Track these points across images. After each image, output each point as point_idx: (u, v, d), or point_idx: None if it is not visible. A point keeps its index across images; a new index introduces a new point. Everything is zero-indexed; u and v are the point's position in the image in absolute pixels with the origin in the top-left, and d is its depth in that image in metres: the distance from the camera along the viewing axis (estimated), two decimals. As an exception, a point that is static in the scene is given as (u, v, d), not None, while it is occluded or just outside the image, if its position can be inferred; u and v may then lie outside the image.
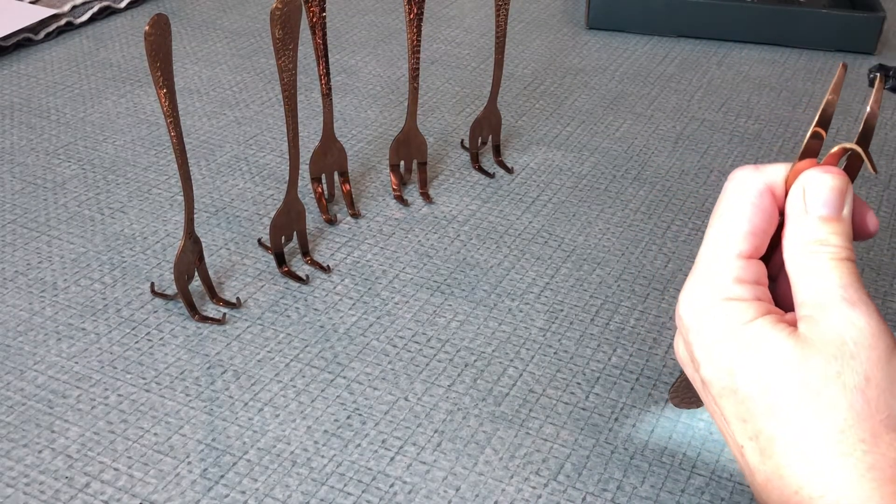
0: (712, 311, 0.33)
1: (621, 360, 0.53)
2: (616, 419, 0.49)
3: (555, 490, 0.45)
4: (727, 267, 0.34)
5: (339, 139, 0.65)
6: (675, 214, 0.66)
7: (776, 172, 0.34)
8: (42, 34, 0.89)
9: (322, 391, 0.50)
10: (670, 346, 0.54)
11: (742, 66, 0.89)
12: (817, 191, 0.33)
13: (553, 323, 0.55)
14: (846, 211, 0.33)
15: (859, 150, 0.33)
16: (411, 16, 0.60)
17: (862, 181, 0.70)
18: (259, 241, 0.61)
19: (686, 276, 0.35)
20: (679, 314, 0.35)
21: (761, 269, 0.34)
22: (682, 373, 0.40)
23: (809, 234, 0.33)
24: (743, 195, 0.34)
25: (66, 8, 0.92)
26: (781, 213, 0.35)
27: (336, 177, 0.66)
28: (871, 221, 0.34)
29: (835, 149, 0.33)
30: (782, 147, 0.75)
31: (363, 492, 0.44)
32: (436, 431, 0.48)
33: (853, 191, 0.34)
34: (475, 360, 0.52)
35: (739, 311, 0.33)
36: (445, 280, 0.58)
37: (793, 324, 0.33)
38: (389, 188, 0.67)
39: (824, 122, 0.33)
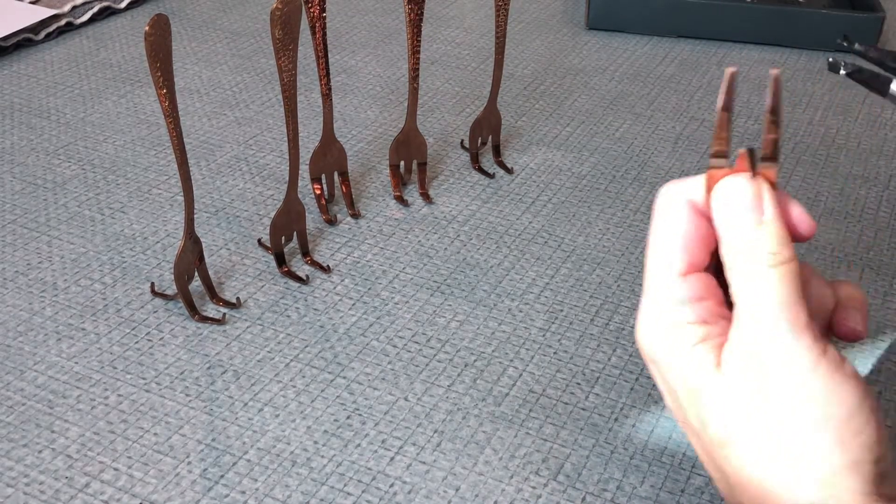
0: (662, 341, 0.32)
1: (621, 360, 0.53)
2: (616, 419, 0.49)
3: (555, 490, 0.45)
4: (668, 289, 0.32)
5: (339, 139, 0.65)
6: (675, 214, 0.65)
7: (696, 184, 0.33)
8: (42, 34, 0.89)
9: (322, 391, 0.50)
10: (670, 346, 0.53)
11: (742, 66, 0.89)
12: (732, 199, 0.31)
13: (553, 323, 0.55)
14: (769, 214, 0.31)
15: (758, 147, 0.32)
16: (411, 16, 0.60)
17: (862, 181, 0.70)
18: (259, 241, 0.61)
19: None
20: (639, 345, 0.34)
21: (705, 281, 0.33)
22: None
23: (738, 244, 0.31)
24: (670, 211, 0.33)
25: (67, 8, 0.92)
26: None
27: (336, 177, 0.66)
28: (803, 222, 0.32)
29: (740, 151, 0.32)
30: (782, 147, 0.75)
31: (363, 492, 0.44)
32: (436, 431, 0.48)
33: (775, 191, 0.32)
34: (475, 360, 0.52)
35: (684, 336, 0.32)
36: (445, 280, 0.58)
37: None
38: (389, 188, 0.67)
39: (724, 135, 0.32)
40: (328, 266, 0.59)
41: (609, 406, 0.49)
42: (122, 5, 0.96)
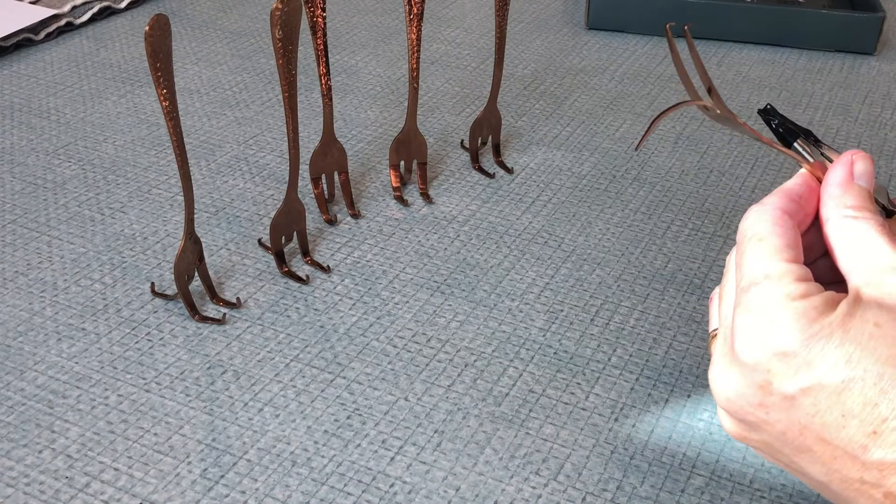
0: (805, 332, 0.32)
1: (621, 360, 0.53)
2: (616, 419, 0.49)
3: (555, 490, 0.45)
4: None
5: (339, 139, 0.65)
6: (675, 214, 0.66)
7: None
8: (42, 34, 0.89)
9: (322, 391, 0.50)
10: (670, 345, 0.54)
11: (742, 66, 0.89)
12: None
13: (553, 323, 0.55)
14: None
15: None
16: (411, 16, 0.60)
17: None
18: (259, 241, 0.61)
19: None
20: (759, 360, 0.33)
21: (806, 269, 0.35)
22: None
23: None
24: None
25: (67, 8, 0.92)
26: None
27: (336, 177, 0.66)
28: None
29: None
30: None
31: (363, 492, 0.44)
32: (436, 431, 0.48)
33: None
34: (475, 360, 0.52)
35: (813, 308, 0.33)
36: (445, 280, 0.58)
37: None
38: (389, 188, 0.67)
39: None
40: (328, 266, 0.59)
41: (609, 406, 0.49)
42: (122, 5, 0.96)
